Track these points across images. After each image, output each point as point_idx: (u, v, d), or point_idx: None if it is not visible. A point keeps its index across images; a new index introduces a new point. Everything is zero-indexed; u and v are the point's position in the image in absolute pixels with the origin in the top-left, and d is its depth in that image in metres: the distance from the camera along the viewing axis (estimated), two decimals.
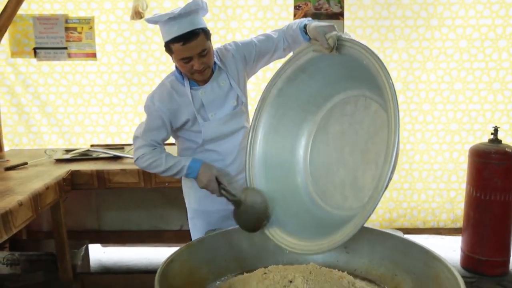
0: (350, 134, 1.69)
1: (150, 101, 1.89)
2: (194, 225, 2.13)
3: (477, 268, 3.21)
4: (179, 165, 1.87)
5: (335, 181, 1.72)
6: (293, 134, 1.83)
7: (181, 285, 1.57)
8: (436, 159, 3.58)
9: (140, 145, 1.90)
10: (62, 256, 2.62)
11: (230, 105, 1.93)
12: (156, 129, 1.89)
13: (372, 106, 1.60)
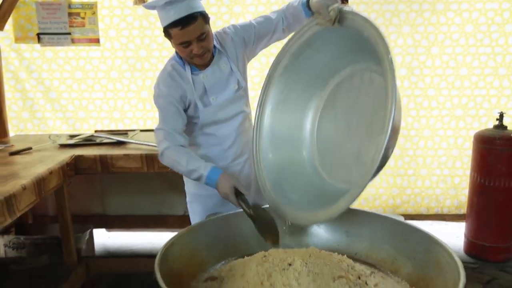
0: (356, 108, 1.69)
1: (158, 89, 1.89)
2: (192, 209, 2.14)
3: (481, 254, 3.21)
4: (198, 173, 1.83)
5: (341, 156, 1.72)
6: (301, 109, 1.84)
7: (181, 268, 1.58)
8: (441, 145, 3.56)
9: (161, 137, 1.88)
10: (67, 240, 2.65)
11: (232, 89, 1.92)
12: (172, 115, 1.88)
13: (377, 80, 1.58)
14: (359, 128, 1.67)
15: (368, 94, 1.64)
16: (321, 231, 1.87)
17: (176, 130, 1.88)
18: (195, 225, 1.75)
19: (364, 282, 1.49)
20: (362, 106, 1.67)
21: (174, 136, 1.88)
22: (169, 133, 1.87)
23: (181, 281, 1.56)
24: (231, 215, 1.83)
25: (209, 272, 1.67)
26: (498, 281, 2.93)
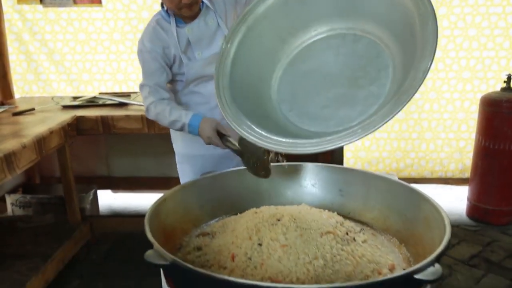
0: (333, 64, 1.56)
1: (141, 44, 1.88)
2: (182, 170, 2.16)
3: (483, 217, 3.21)
4: (180, 122, 1.86)
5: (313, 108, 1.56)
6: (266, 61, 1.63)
7: (174, 224, 1.61)
8: (447, 108, 3.51)
9: (146, 93, 1.90)
10: (70, 199, 2.71)
11: (218, 45, 1.90)
12: (155, 71, 1.89)
13: (363, 40, 1.49)
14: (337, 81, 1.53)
15: (351, 52, 1.53)
16: (315, 190, 1.88)
17: (160, 85, 1.90)
18: (188, 183, 1.77)
19: (352, 238, 1.50)
20: (342, 62, 1.54)
21: (158, 91, 1.90)
22: (153, 88, 1.89)
23: (173, 236, 1.59)
24: (225, 173, 1.84)
25: (202, 228, 1.70)
26: (498, 243, 2.93)
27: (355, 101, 1.45)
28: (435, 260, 1.18)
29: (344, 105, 1.47)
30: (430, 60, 1.21)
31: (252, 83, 1.60)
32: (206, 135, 1.81)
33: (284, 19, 1.59)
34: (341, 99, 1.49)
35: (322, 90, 1.54)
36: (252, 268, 1.34)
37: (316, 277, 1.28)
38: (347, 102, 1.47)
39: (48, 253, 2.41)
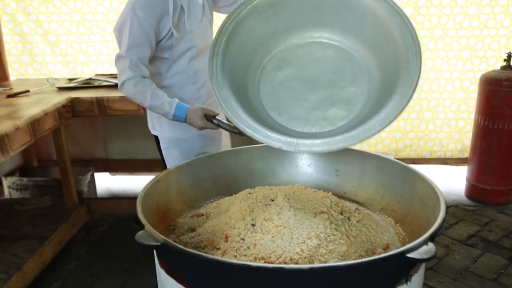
0: (309, 70, 1.64)
1: (132, 13, 1.77)
2: (170, 155, 2.13)
3: (482, 197, 3.20)
4: (162, 110, 1.82)
5: (302, 111, 1.64)
6: (247, 70, 1.66)
7: (167, 204, 1.60)
8: (446, 87, 3.47)
9: (124, 66, 1.82)
10: (66, 181, 2.70)
11: (206, 20, 1.90)
12: (142, 44, 1.80)
13: (331, 48, 1.60)
14: (318, 84, 1.63)
15: (321, 58, 1.62)
16: (311, 170, 1.87)
17: (142, 61, 1.82)
18: (183, 163, 1.75)
19: (347, 217, 1.49)
20: (315, 67, 1.64)
21: (138, 66, 1.81)
22: (134, 62, 1.80)
23: (167, 218, 1.58)
24: (219, 154, 1.83)
25: (196, 209, 1.69)
26: (496, 222, 2.93)
27: (341, 101, 1.60)
28: (429, 239, 1.17)
29: (332, 105, 1.60)
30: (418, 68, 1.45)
31: (241, 92, 1.62)
32: (198, 125, 1.82)
33: (259, 30, 1.61)
34: (328, 100, 1.61)
35: (307, 94, 1.63)
36: (245, 248, 1.32)
37: (309, 257, 1.27)
38: (334, 102, 1.60)
39: (45, 235, 2.41)
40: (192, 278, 1.24)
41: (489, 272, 2.42)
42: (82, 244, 2.77)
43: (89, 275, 2.46)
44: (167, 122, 2.04)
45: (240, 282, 1.13)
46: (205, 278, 1.19)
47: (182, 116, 1.82)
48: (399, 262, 1.14)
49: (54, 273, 2.48)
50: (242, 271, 1.08)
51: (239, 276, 1.11)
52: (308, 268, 1.06)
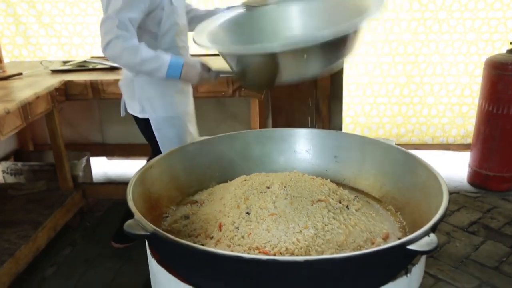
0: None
1: None
2: (163, 135, 2.08)
3: (484, 183, 3.15)
4: (158, 60, 1.74)
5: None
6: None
7: (160, 191, 1.55)
8: (450, 71, 3.38)
9: (111, 26, 1.68)
10: (61, 166, 2.65)
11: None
12: (134, 5, 1.71)
13: None
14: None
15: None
16: (309, 156, 1.81)
17: (132, 22, 1.72)
18: (176, 149, 1.69)
19: (345, 206, 1.44)
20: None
21: (128, 27, 1.70)
22: (123, 23, 1.69)
23: (159, 205, 1.53)
24: (214, 139, 1.77)
25: (190, 196, 1.64)
26: (498, 209, 2.88)
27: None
28: (430, 230, 1.12)
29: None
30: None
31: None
32: (196, 72, 1.79)
33: None
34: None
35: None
36: (240, 237, 1.28)
37: (306, 247, 1.22)
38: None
39: (39, 221, 2.37)
40: (183, 268, 1.19)
41: (491, 260, 2.38)
42: (77, 229, 2.73)
43: (84, 261, 2.43)
44: (158, 101, 2.00)
45: (232, 273, 1.09)
46: (196, 269, 1.14)
47: (178, 64, 1.77)
48: (399, 254, 1.09)
49: (49, 258, 2.45)
50: (234, 262, 1.03)
51: (231, 268, 1.07)
52: (303, 261, 1.01)
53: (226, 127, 3.30)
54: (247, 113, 2.92)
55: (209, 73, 1.83)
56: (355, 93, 3.46)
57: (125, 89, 2.09)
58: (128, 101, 2.11)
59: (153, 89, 1.98)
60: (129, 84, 2.04)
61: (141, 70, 1.79)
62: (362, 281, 1.14)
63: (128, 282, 2.26)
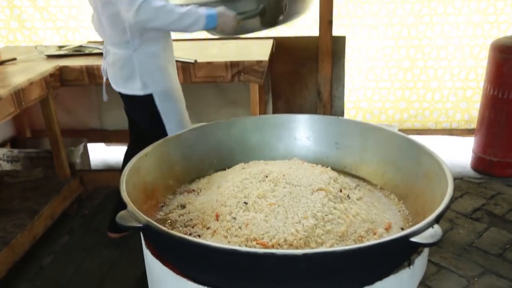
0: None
1: None
2: (168, 108, 2.09)
3: (488, 169, 3.10)
4: (194, 14, 1.81)
5: None
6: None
7: (156, 180, 1.50)
8: (455, 55, 3.31)
9: None
10: (57, 153, 2.61)
11: None
12: None
13: None
14: None
15: None
16: (309, 143, 1.76)
17: None
18: (172, 137, 1.64)
19: (346, 195, 1.39)
20: None
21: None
22: None
23: (155, 194, 1.48)
24: (212, 125, 1.71)
25: (187, 185, 1.60)
26: (502, 196, 2.83)
27: None
28: (434, 221, 1.07)
29: None
30: None
31: None
32: (231, 19, 1.86)
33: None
34: None
35: None
36: (237, 228, 1.24)
37: (305, 238, 1.18)
38: None
39: (35, 209, 2.34)
40: (178, 261, 1.15)
41: (494, 247, 2.34)
42: (75, 217, 2.70)
43: (81, 250, 2.40)
44: (159, 75, 2.03)
45: (228, 267, 1.05)
46: (191, 261, 1.10)
47: (214, 17, 1.84)
48: (402, 247, 1.04)
49: (46, 246, 2.42)
50: (230, 256, 0.99)
51: (227, 261, 1.02)
52: (302, 254, 0.97)
53: (225, 113, 3.24)
54: (246, 98, 2.86)
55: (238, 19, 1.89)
56: (357, 77, 3.40)
57: (122, 69, 2.06)
58: (125, 81, 2.08)
59: (152, 63, 2.01)
60: (127, 62, 2.02)
61: (178, 26, 1.84)
62: (363, 274, 1.10)
63: (126, 271, 2.23)
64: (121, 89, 2.12)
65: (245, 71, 2.47)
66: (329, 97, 3.26)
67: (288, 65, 3.27)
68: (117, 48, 2.02)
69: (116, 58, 2.05)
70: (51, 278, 2.19)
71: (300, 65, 3.27)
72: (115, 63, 2.06)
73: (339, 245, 1.21)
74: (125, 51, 2.00)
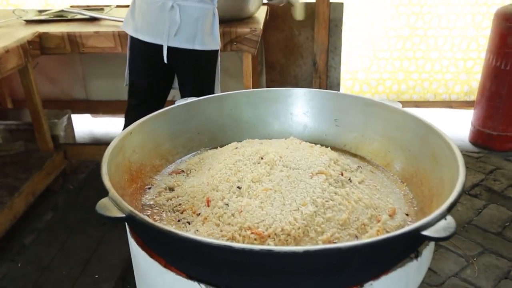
0: None
1: None
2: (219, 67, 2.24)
3: (487, 143, 3.02)
4: None
5: None
6: None
7: (142, 159, 1.39)
8: (456, 23, 3.17)
9: None
10: (39, 126, 2.47)
11: None
12: None
13: None
14: None
15: None
16: (307, 119, 1.65)
17: None
18: (160, 112, 1.52)
19: (348, 178, 1.29)
20: None
21: None
22: None
23: (141, 175, 1.37)
24: (202, 100, 1.59)
25: (176, 164, 1.49)
26: (501, 171, 2.77)
27: None
28: (447, 212, 0.97)
29: None
30: None
31: None
32: None
33: None
34: None
35: None
36: (230, 215, 1.13)
37: (304, 228, 1.08)
38: None
39: (15, 185, 2.22)
40: (165, 254, 1.05)
41: (494, 225, 2.28)
42: (59, 193, 2.59)
43: (66, 228, 2.30)
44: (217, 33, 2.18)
45: (221, 263, 0.95)
46: (180, 256, 1.00)
47: None
48: (412, 241, 0.95)
49: (28, 224, 2.32)
50: (222, 252, 0.89)
51: (219, 257, 0.92)
52: (303, 251, 0.87)
53: None
54: (239, 68, 2.73)
55: None
56: (354, 47, 3.26)
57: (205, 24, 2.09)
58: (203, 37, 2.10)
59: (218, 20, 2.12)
60: (209, 17, 2.09)
61: None
62: (367, 269, 1.00)
63: (113, 251, 2.14)
64: (196, 46, 2.10)
65: (237, 40, 2.32)
66: (325, 67, 3.13)
67: (283, 33, 3.11)
68: (201, 3, 2.06)
69: (200, 14, 2.06)
70: (33, 258, 2.10)
71: (295, 34, 3.11)
72: (198, 19, 2.06)
73: (340, 234, 1.11)
74: (209, 6, 2.07)
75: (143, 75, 2.22)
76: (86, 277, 1.99)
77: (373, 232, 1.13)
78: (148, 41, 2.08)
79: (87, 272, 2.02)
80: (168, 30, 2.04)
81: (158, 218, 1.24)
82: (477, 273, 1.97)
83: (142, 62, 2.18)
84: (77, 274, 2.01)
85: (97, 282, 1.96)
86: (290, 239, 1.06)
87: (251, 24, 2.41)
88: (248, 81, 2.52)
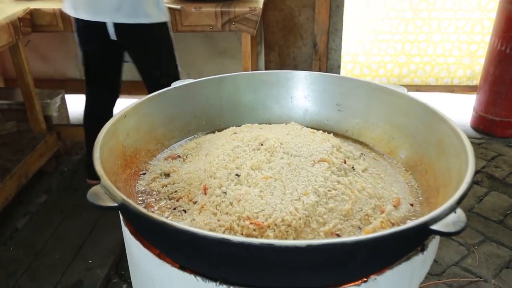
0: None
1: None
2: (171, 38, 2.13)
3: (489, 129, 2.98)
4: None
5: None
6: None
7: (137, 144, 1.33)
8: (461, 5, 3.09)
9: None
10: (31, 106, 2.41)
11: None
12: None
13: None
14: None
15: None
16: (308, 103, 1.59)
17: None
18: (155, 94, 1.46)
19: (351, 166, 1.24)
20: None
21: None
22: None
23: (136, 160, 1.32)
24: (200, 82, 1.53)
25: (172, 149, 1.43)
26: (503, 157, 2.73)
27: None
28: (456, 204, 0.93)
29: None
30: None
31: None
32: None
33: None
34: None
35: None
36: (227, 204, 1.08)
37: (305, 218, 1.03)
38: None
39: (7, 167, 2.16)
40: (161, 245, 1.00)
41: (495, 213, 2.25)
42: (53, 175, 2.54)
43: (59, 211, 2.26)
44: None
45: (218, 256, 0.90)
46: (175, 247, 0.96)
47: None
48: (419, 235, 0.90)
49: (22, 207, 2.27)
50: (220, 245, 0.84)
51: (217, 250, 0.88)
52: (305, 246, 0.82)
53: (214, 64, 3.03)
54: (237, 49, 2.65)
55: None
56: (355, 29, 3.18)
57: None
58: (148, 9, 2.00)
59: None
60: None
61: None
62: (372, 262, 0.96)
63: (107, 235, 2.10)
64: (141, 19, 1.99)
65: (236, 19, 2.25)
66: (326, 49, 3.06)
67: (282, 13, 3.02)
68: None
69: None
70: (26, 242, 2.06)
71: (295, 14, 3.03)
72: None
73: (343, 225, 1.07)
74: None
75: (94, 57, 2.14)
76: (80, 262, 1.95)
77: (377, 223, 1.08)
78: (90, 20, 1.98)
79: (81, 257, 1.98)
80: (109, 5, 1.94)
81: (152, 205, 1.19)
82: (478, 262, 1.94)
83: (90, 43, 2.10)
84: (70, 258, 1.98)
85: (91, 268, 1.92)
86: (291, 230, 1.01)
87: (250, 3, 2.33)
88: (247, 63, 2.45)
